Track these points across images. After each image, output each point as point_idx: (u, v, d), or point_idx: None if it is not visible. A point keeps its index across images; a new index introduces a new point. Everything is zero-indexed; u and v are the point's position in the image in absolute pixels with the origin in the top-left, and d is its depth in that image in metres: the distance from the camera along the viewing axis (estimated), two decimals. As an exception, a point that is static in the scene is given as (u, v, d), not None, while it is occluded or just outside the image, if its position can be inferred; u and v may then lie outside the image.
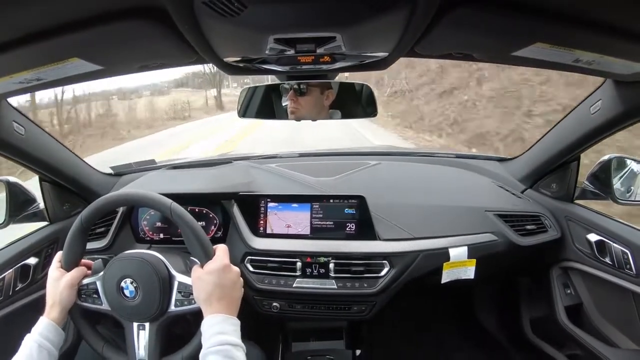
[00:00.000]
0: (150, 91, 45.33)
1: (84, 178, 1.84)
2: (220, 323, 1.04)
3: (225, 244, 1.21)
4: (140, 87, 43.35)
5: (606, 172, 1.61)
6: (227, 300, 1.10)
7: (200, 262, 1.14)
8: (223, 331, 1.03)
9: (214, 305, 1.08)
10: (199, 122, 24.23)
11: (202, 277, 1.11)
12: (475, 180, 1.99)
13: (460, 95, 12.13)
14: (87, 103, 20.79)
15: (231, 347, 1.00)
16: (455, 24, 0.82)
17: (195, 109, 31.18)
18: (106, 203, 1.21)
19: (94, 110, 21.31)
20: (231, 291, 1.12)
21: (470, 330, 2.42)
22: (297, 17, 0.78)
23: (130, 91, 38.53)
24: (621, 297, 1.55)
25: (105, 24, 0.75)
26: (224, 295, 1.10)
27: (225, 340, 1.00)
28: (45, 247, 1.68)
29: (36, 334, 1.09)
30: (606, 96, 1.38)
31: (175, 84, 53.25)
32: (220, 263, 1.12)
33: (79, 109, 19.85)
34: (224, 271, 1.12)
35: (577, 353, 1.76)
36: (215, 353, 0.98)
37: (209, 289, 1.09)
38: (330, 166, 2.04)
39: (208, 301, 1.09)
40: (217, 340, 1.00)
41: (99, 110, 21.70)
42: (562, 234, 1.74)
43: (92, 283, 1.22)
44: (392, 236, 1.63)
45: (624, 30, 0.78)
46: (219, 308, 1.07)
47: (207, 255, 1.14)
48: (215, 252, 1.16)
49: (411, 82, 16.02)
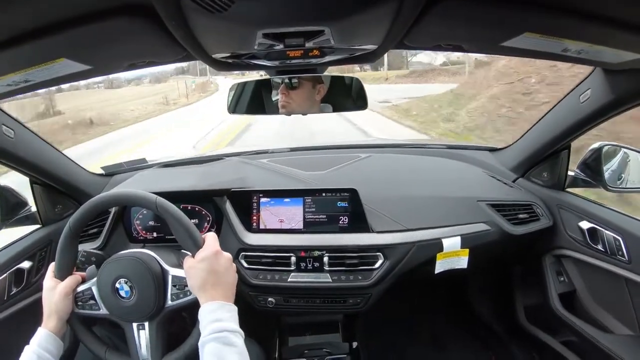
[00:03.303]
0: (149, 79, 45.07)
1: (75, 179, 1.83)
2: (216, 310, 1.04)
3: (214, 233, 1.21)
4: (142, 75, 43.08)
5: (597, 160, 1.62)
6: (222, 286, 1.10)
7: (191, 252, 1.14)
8: (220, 318, 1.02)
9: (209, 293, 1.08)
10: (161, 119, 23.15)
11: (194, 265, 1.11)
12: (467, 170, 2.00)
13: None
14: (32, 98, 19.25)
15: (229, 333, 1.00)
16: (444, 15, 0.82)
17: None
18: (93, 206, 1.21)
19: (27, 109, 19.76)
20: (225, 277, 1.12)
21: (464, 319, 2.44)
22: (285, 12, 0.78)
23: (128, 80, 38.10)
24: (614, 283, 1.56)
25: (91, 23, 0.75)
26: (218, 281, 1.10)
27: (223, 327, 1.00)
28: (38, 250, 1.67)
29: (35, 345, 1.09)
30: (595, 85, 1.39)
31: (176, 71, 53.10)
32: (211, 250, 1.12)
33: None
34: (216, 257, 1.12)
35: (571, 339, 1.77)
36: (213, 340, 0.98)
37: (202, 276, 1.09)
38: (322, 160, 2.04)
39: (203, 289, 1.08)
40: (215, 328, 1.00)
41: (38, 109, 20.43)
42: (554, 222, 1.76)
43: (88, 289, 1.21)
44: (385, 228, 1.64)
45: (613, 19, 0.78)
46: (215, 295, 1.07)
47: (197, 245, 1.14)
48: (205, 240, 1.16)
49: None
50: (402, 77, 32.76)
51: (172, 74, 53.22)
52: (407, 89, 22.28)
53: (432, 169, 2.02)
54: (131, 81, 45.82)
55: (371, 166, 2.00)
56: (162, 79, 49.11)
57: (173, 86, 37.33)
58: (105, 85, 35.21)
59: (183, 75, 48.35)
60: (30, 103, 21.59)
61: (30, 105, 20.95)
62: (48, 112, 26.22)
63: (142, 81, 47.94)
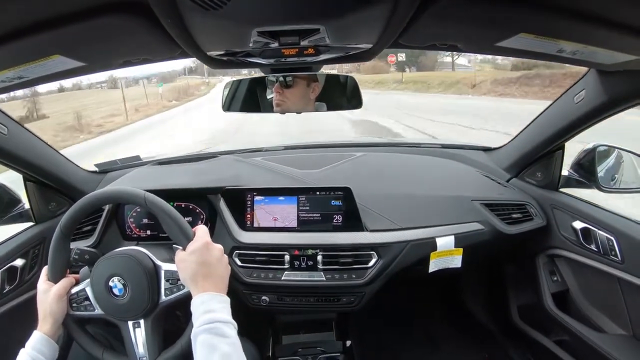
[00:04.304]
0: (157, 78, 44.69)
1: (69, 176, 1.82)
2: (208, 301, 1.04)
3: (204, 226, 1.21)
4: (152, 75, 42.61)
5: (590, 160, 1.63)
6: (213, 278, 1.10)
7: (182, 245, 1.14)
8: (211, 309, 1.02)
9: (201, 284, 1.07)
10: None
11: (185, 258, 1.11)
12: (461, 170, 2.01)
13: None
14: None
15: (221, 324, 0.99)
16: (439, 15, 0.82)
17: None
18: (83, 206, 1.21)
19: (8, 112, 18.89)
20: (216, 268, 1.12)
21: (458, 318, 2.44)
22: (280, 10, 0.78)
23: (136, 79, 37.15)
24: (607, 283, 1.57)
25: (86, 19, 0.74)
26: (209, 273, 1.10)
27: (215, 318, 1.00)
28: (31, 248, 1.66)
29: (29, 348, 1.09)
30: (590, 86, 1.39)
31: (185, 70, 53.06)
32: (201, 242, 1.12)
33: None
34: (206, 249, 1.12)
35: (565, 339, 1.78)
36: (205, 332, 0.97)
37: (193, 268, 1.09)
38: (316, 158, 2.04)
39: (194, 281, 1.08)
40: (206, 319, 0.99)
41: (20, 112, 19.17)
42: (547, 222, 1.77)
43: (82, 290, 1.21)
44: (379, 227, 1.64)
45: (608, 20, 0.79)
46: (206, 286, 1.07)
47: (187, 237, 1.14)
48: (196, 233, 1.16)
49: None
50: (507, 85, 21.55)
51: (181, 73, 53.21)
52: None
53: (426, 168, 2.03)
54: (139, 80, 45.45)
55: (366, 165, 2.01)
56: (169, 79, 48.98)
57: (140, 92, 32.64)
58: (108, 86, 34.80)
59: (192, 76, 48.21)
60: (11, 106, 20.48)
61: (11, 109, 20.33)
62: (31, 115, 25.67)
63: (151, 80, 47.73)
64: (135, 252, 1.21)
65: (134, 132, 19.09)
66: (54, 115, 24.63)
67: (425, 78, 27.25)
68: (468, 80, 24.54)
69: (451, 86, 24.75)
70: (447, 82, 25.99)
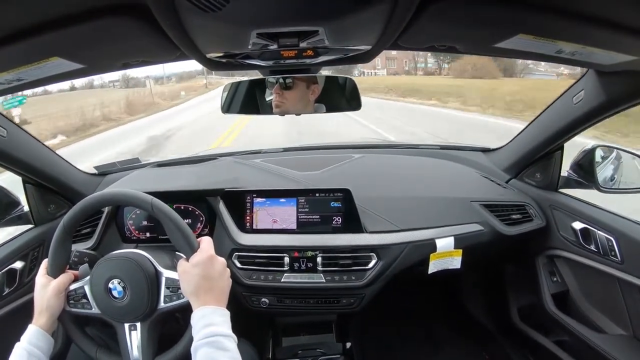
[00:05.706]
0: (176, 78, 44.30)
1: (68, 179, 1.82)
2: (209, 315, 1.04)
3: (210, 238, 1.20)
4: (172, 74, 42.12)
5: (590, 161, 1.63)
6: (215, 291, 1.10)
7: (186, 255, 1.14)
8: (212, 323, 1.02)
9: (202, 298, 1.07)
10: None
11: (188, 270, 1.10)
12: (460, 171, 2.01)
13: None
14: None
15: (222, 337, 0.99)
16: (438, 16, 0.82)
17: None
18: (87, 205, 1.20)
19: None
20: (218, 282, 1.12)
21: (458, 319, 2.44)
22: (279, 11, 0.78)
23: (156, 78, 36.43)
24: (607, 283, 1.57)
25: (85, 22, 0.74)
26: (211, 286, 1.09)
27: (215, 332, 1.00)
28: (30, 251, 1.66)
29: (25, 342, 1.08)
30: (589, 86, 1.39)
31: (203, 70, 52.89)
32: (206, 255, 1.12)
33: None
34: (210, 262, 1.11)
35: (565, 339, 1.78)
36: (206, 345, 0.97)
37: (195, 281, 1.08)
38: (315, 160, 2.04)
39: (196, 294, 1.08)
40: (207, 332, 0.99)
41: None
42: (547, 223, 1.76)
43: (80, 288, 1.20)
44: (378, 228, 1.64)
45: (606, 20, 0.79)
46: (207, 300, 1.07)
47: (192, 248, 1.13)
48: (200, 244, 1.15)
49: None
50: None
51: (199, 72, 52.98)
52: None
53: (425, 169, 2.03)
54: (158, 79, 45.12)
55: (365, 166, 2.01)
56: (186, 78, 48.70)
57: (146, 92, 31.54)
58: (120, 85, 34.52)
59: (208, 76, 48.01)
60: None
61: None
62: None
63: (171, 79, 47.45)
64: (137, 256, 1.20)
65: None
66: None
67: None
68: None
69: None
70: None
